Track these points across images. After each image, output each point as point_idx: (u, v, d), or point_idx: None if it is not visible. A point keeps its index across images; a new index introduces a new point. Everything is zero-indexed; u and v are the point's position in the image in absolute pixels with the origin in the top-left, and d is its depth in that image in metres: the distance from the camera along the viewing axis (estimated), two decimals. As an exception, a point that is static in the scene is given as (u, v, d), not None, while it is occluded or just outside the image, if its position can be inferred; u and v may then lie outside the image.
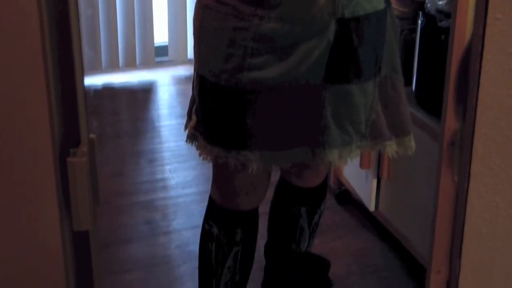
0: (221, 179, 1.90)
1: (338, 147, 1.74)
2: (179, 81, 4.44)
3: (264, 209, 2.15)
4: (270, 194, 2.17)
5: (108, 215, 2.92)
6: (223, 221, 1.93)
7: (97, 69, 4.36)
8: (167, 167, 3.35)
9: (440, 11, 2.25)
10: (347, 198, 3.00)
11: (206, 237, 1.95)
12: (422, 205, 2.45)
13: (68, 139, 1.03)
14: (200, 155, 1.80)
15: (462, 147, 0.91)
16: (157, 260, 2.68)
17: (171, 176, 3.26)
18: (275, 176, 2.11)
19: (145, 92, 4.27)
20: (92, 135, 1.05)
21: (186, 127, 1.86)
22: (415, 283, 2.52)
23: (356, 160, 2.72)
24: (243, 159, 1.72)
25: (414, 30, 2.44)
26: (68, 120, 1.03)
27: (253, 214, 1.96)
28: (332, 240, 2.78)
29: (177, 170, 3.29)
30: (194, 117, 1.81)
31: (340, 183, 3.02)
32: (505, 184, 0.94)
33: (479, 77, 1.18)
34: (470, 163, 0.92)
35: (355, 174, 2.84)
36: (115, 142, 3.61)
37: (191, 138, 1.85)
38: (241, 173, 1.77)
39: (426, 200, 2.37)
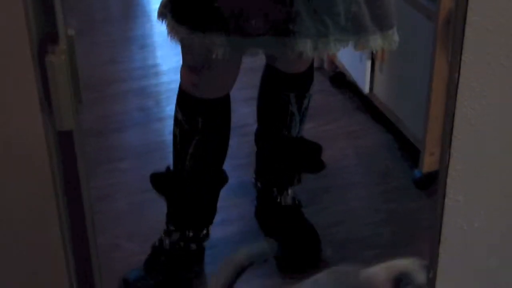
0: (187, 63, 1.87)
1: (312, 37, 1.68)
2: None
3: (252, 94, 2.12)
4: (255, 80, 2.15)
5: (101, 104, 2.91)
6: (186, 107, 1.90)
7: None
8: (159, 53, 3.31)
9: None
10: (341, 81, 2.97)
11: (174, 121, 1.94)
12: (417, 87, 2.43)
13: (47, 36, 1.00)
14: (168, 34, 1.76)
15: (454, 29, 0.89)
16: (151, 147, 2.69)
17: (163, 62, 3.22)
18: (259, 61, 2.07)
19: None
20: (71, 31, 1.02)
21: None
22: (409, 164, 2.53)
23: (350, 42, 2.67)
24: (208, 42, 1.68)
25: None
26: (46, 17, 1.00)
27: (219, 103, 1.92)
28: (327, 123, 2.77)
29: (169, 56, 3.24)
30: None
31: (334, 65, 2.98)
32: (496, 72, 0.92)
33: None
34: (461, 52, 0.90)
35: (350, 56, 2.81)
36: (105, 28, 3.56)
37: (160, 15, 1.81)
38: (207, 58, 1.72)
39: (420, 82, 2.35)
